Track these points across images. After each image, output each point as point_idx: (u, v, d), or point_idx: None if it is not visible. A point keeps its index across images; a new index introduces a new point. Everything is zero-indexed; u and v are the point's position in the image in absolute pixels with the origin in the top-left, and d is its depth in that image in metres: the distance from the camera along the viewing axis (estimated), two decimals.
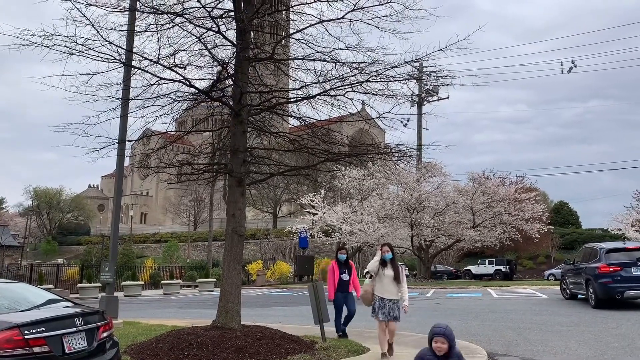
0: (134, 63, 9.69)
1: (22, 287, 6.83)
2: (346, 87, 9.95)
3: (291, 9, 11.02)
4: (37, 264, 39.52)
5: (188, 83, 9.50)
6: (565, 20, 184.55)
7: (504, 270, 45.20)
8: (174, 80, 9.45)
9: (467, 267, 48.03)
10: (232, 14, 9.90)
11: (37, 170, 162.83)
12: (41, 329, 5.10)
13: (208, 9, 9.30)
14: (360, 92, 10.12)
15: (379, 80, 9.82)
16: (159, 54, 9.21)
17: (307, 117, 10.63)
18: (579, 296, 17.16)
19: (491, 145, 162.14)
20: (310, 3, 9.87)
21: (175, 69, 9.29)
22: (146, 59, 9.34)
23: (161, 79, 9.39)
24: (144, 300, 27.11)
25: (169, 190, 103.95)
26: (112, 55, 8.87)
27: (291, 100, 10.87)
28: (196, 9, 9.33)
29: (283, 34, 12.04)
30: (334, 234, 36.73)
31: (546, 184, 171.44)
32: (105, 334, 5.95)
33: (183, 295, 30.71)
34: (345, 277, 10.29)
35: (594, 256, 15.73)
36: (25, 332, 4.97)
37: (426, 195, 32.32)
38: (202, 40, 9.59)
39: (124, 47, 9.59)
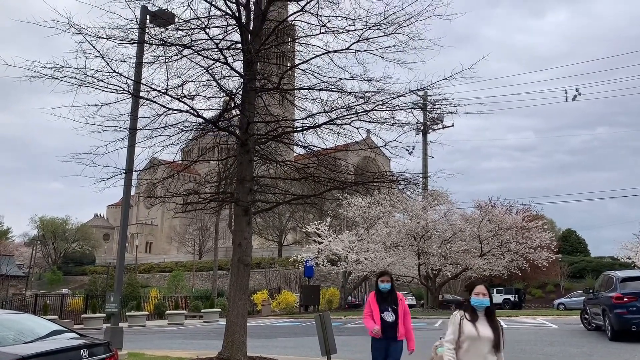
0: (142, 94, 9.83)
1: (27, 318, 6.77)
2: (352, 116, 10.04)
3: (297, 40, 11.21)
4: (41, 294, 39.32)
5: (196, 113, 9.62)
6: (570, 49, 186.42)
7: (512, 299, 44.51)
8: (181, 111, 9.58)
9: None
10: (240, 45, 10.08)
11: (44, 200, 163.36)
12: None
13: (216, 41, 9.47)
14: (366, 121, 10.21)
15: (384, 109, 9.92)
16: (167, 85, 9.36)
17: (313, 145, 10.70)
18: (603, 328, 15.72)
19: (498, 173, 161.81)
20: (316, 35, 10.04)
21: (183, 100, 9.42)
22: (154, 89, 9.49)
23: (169, 109, 9.52)
24: (149, 330, 26.81)
25: (174, 219, 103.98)
26: (120, 87, 9.03)
27: (297, 129, 10.95)
28: (204, 41, 9.52)
29: (289, 65, 12.21)
30: (340, 263, 36.45)
31: (553, 212, 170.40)
32: None
33: (188, 325, 30.36)
34: (389, 317, 6.62)
35: (610, 285, 14.99)
36: None
37: (433, 223, 32.15)
38: (210, 72, 9.74)
39: (133, 78, 9.75)
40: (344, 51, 9.89)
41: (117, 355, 6.21)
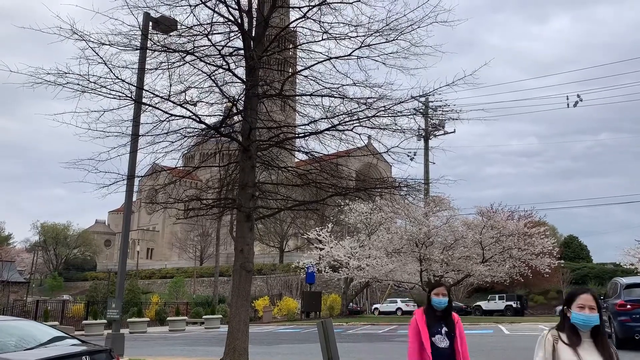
0: (144, 100, 9.84)
1: (29, 325, 6.76)
2: (354, 122, 10.04)
3: (299, 46, 11.23)
4: (42, 300, 39.26)
5: (198, 119, 9.62)
6: (573, 55, 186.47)
7: (514, 306, 44.37)
8: (184, 117, 9.58)
9: (477, 303, 47.19)
10: (242, 52, 10.10)
11: (46, 206, 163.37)
12: None
13: (218, 47, 9.51)
14: (368, 127, 10.21)
15: (386, 115, 9.93)
16: (169, 91, 9.37)
17: (315, 151, 10.70)
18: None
19: (501, 179, 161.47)
20: (318, 41, 10.07)
21: (185, 106, 9.44)
22: (157, 96, 9.50)
23: (171, 115, 9.53)
24: (150, 337, 26.73)
25: (175, 225, 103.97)
26: (123, 93, 9.04)
27: (299, 135, 10.95)
28: (207, 47, 9.54)
29: (291, 71, 12.24)
30: (341, 269, 36.37)
31: (555, 218, 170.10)
32: None
33: (189, 332, 30.29)
34: (442, 342, 4.90)
35: (615, 292, 14.83)
36: None
37: (435, 229, 32.07)
38: (213, 78, 9.76)
39: (136, 84, 9.77)
40: (346, 57, 9.91)
41: None
